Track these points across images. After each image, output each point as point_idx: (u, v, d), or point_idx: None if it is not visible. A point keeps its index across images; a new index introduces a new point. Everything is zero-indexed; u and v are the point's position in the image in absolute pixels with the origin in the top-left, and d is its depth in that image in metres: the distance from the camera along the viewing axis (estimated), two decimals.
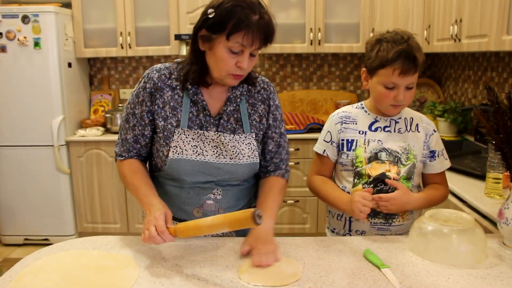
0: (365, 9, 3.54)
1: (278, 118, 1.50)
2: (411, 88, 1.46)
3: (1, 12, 3.37)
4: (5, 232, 3.67)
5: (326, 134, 1.58)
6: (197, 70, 1.35)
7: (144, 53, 3.72)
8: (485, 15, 2.33)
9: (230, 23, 1.21)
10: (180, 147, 1.36)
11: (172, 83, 1.39)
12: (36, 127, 3.50)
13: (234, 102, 1.42)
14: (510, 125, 1.24)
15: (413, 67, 1.42)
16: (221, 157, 1.38)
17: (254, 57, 1.30)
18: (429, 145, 1.55)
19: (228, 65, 1.27)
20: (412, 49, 1.42)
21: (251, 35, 1.22)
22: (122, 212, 3.64)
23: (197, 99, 1.38)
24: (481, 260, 1.23)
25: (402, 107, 1.52)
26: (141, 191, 1.35)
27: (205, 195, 1.43)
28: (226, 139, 1.38)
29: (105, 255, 1.29)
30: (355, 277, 1.15)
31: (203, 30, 1.28)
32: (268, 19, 1.26)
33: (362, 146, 1.52)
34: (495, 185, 1.86)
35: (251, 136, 1.42)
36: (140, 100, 1.39)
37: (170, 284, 1.13)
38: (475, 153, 2.66)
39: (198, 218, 1.38)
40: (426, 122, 1.58)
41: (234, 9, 1.21)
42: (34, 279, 1.15)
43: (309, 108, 4.02)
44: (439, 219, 1.29)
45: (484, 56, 3.06)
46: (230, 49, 1.25)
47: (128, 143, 1.44)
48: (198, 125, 1.39)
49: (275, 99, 1.50)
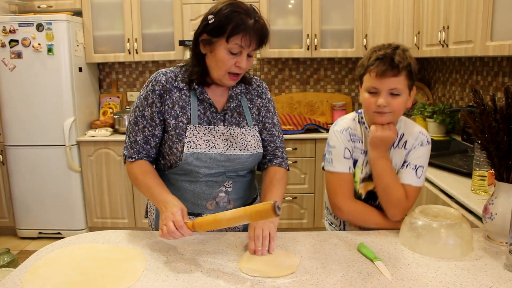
0: (358, 16, 3.54)
1: (271, 110, 1.53)
2: (397, 94, 1.34)
3: (17, 21, 3.38)
4: (20, 226, 3.67)
5: (345, 151, 1.44)
6: (199, 71, 1.39)
7: (150, 58, 3.72)
8: (471, 22, 2.33)
9: (229, 27, 1.27)
10: (194, 142, 1.38)
11: (179, 85, 1.41)
12: (49, 128, 3.50)
13: (236, 98, 1.46)
14: (494, 126, 1.23)
15: (390, 69, 1.31)
16: (231, 149, 1.41)
17: (251, 57, 1.35)
18: (406, 158, 1.42)
19: (228, 65, 1.32)
20: (393, 54, 1.31)
21: (248, 37, 1.28)
22: (129, 208, 3.63)
23: (204, 97, 1.41)
24: (468, 253, 1.23)
25: (389, 115, 1.37)
26: (155, 190, 1.35)
27: (217, 188, 1.45)
28: (235, 132, 1.42)
29: (114, 248, 1.29)
30: (350, 269, 1.15)
31: (204, 34, 1.33)
32: (262, 23, 1.32)
33: (360, 167, 1.46)
34: (480, 182, 1.86)
35: (254, 129, 1.47)
36: (150, 102, 1.40)
37: (174, 276, 1.13)
38: (462, 152, 2.66)
39: (212, 211, 1.43)
40: (416, 138, 1.42)
41: (232, 14, 1.27)
42: (47, 270, 1.15)
43: (306, 110, 4.02)
44: (429, 215, 1.29)
45: (470, 60, 3.06)
46: (229, 51, 1.30)
47: (138, 145, 1.43)
48: (206, 121, 1.41)
49: (267, 93, 1.55)
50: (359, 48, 3.58)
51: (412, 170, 1.40)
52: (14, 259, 2.55)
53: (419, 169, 1.40)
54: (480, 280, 1.08)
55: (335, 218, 1.57)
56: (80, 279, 1.10)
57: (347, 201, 1.43)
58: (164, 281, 1.10)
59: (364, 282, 1.08)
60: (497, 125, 1.23)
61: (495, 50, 2.08)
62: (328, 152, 1.47)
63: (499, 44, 2.05)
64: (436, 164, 2.34)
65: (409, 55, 1.34)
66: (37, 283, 1.08)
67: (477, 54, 2.25)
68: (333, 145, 1.45)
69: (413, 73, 1.34)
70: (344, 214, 1.44)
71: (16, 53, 3.40)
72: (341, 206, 1.43)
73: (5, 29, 3.38)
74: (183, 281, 1.10)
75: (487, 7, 2.14)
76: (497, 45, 2.06)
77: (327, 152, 1.48)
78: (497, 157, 1.25)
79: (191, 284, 1.08)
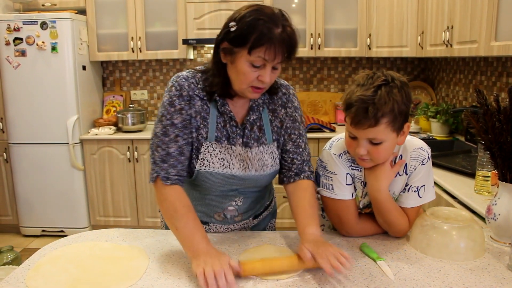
0: (362, 15, 3.53)
1: (298, 120, 1.38)
2: (379, 143, 1.17)
3: (22, 19, 3.39)
4: (24, 224, 3.69)
5: (347, 177, 1.29)
6: (220, 82, 1.25)
7: (153, 56, 3.72)
8: (475, 22, 2.32)
9: (252, 37, 1.12)
10: (208, 160, 1.28)
11: (200, 93, 1.27)
12: (52, 126, 3.51)
13: (257, 110, 1.32)
14: (498, 126, 1.23)
15: (366, 120, 1.13)
16: (247, 170, 1.31)
17: (277, 70, 1.20)
18: (407, 181, 1.30)
19: (249, 79, 1.17)
20: (371, 99, 1.12)
21: (273, 49, 1.13)
22: (132, 206, 3.64)
23: (225, 110, 1.28)
24: (480, 255, 1.21)
25: (371, 162, 1.23)
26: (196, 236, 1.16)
27: (227, 202, 1.38)
28: (252, 154, 1.30)
29: (117, 247, 1.29)
30: (352, 269, 1.15)
31: (225, 42, 1.18)
32: (290, 32, 1.15)
33: (357, 198, 1.35)
34: (484, 182, 1.86)
35: (273, 145, 1.35)
36: (178, 108, 1.25)
37: (177, 274, 1.13)
38: (466, 152, 2.65)
39: (218, 222, 1.40)
40: (416, 157, 1.28)
41: (256, 23, 1.12)
42: (50, 267, 1.15)
43: (309, 109, 4.02)
44: (439, 217, 1.27)
45: (474, 60, 3.05)
46: (251, 63, 1.15)
47: (172, 157, 1.24)
48: (225, 136, 1.29)
49: (293, 101, 1.38)
50: (362, 47, 3.57)
51: (414, 193, 1.29)
52: (18, 257, 2.56)
53: (422, 189, 1.29)
54: (483, 280, 1.08)
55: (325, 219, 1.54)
56: (82, 277, 1.11)
57: (354, 226, 1.34)
58: (166, 279, 1.11)
59: (366, 282, 1.08)
60: (501, 125, 1.22)
61: (500, 50, 2.07)
62: (325, 177, 1.32)
63: (503, 44, 2.05)
64: (439, 164, 2.33)
65: (394, 96, 1.13)
66: (40, 280, 1.09)
67: (481, 54, 2.24)
68: (333, 171, 1.30)
69: (399, 116, 1.15)
70: (352, 236, 1.36)
71: (20, 51, 3.41)
72: (348, 230, 1.35)
73: (10, 27, 3.39)
74: (185, 280, 1.10)
75: (492, 7, 2.13)
76: (502, 45, 2.06)
77: (323, 177, 1.33)
78: (501, 157, 1.25)
79: (193, 283, 1.08)
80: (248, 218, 1.45)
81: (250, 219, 1.46)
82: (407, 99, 1.17)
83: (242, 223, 1.44)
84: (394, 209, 1.28)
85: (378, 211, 1.31)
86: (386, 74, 1.17)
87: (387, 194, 1.27)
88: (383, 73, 1.18)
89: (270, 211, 1.56)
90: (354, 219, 1.33)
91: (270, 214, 1.57)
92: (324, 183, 1.33)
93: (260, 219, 1.51)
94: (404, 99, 1.15)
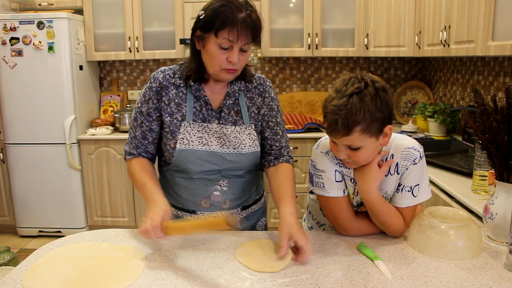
0: (359, 15, 3.53)
1: (274, 109, 1.49)
2: (357, 148, 1.19)
3: (18, 19, 3.38)
4: (21, 224, 3.68)
5: (336, 174, 1.32)
6: (194, 68, 1.38)
7: (151, 56, 3.72)
8: (472, 22, 2.32)
9: (217, 21, 1.25)
10: (187, 139, 1.39)
11: (176, 82, 1.42)
12: (49, 126, 3.50)
13: (233, 96, 1.44)
14: (495, 126, 1.23)
15: (338, 130, 1.15)
16: (224, 147, 1.40)
17: (245, 52, 1.32)
18: (400, 181, 1.30)
19: (220, 60, 1.30)
20: (343, 109, 1.13)
21: (236, 31, 1.25)
22: (130, 207, 3.64)
23: (200, 95, 1.41)
24: (478, 254, 1.22)
25: (354, 164, 1.27)
26: (147, 189, 1.35)
27: (212, 186, 1.44)
28: (228, 131, 1.41)
29: (114, 247, 1.29)
30: (350, 268, 1.15)
31: (197, 31, 1.33)
32: (255, 17, 1.29)
33: (349, 196, 1.36)
34: (481, 182, 1.86)
35: (250, 127, 1.44)
36: (147, 99, 1.42)
37: (174, 274, 1.13)
38: (463, 152, 2.66)
39: (206, 210, 1.46)
40: (406, 157, 1.28)
41: (220, 9, 1.26)
42: (48, 268, 1.15)
43: (307, 109, 4.02)
44: (437, 216, 1.27)
45: (471, 60, 3.06)
46: (219, 45, 1.28)
47: (137, 140, 1.45)
48: (201, 118, 1.41)
49: (270, 92, 1.50)
50: (360, 47, 3.58)
51: (408, 192, 1.29)
52: (14, 257, 2.55)
53: (415, 188, 1.29)
54: (480, 279, 1.08)
55: (318, 225, 1.54)
56: (80, 278, 1.10)
57: (351, 223, 1.34)
58: (164, 279, 1.11)
59: (364, 282, 1.08)
60: (498, 125, 1.23)
61: (497, 50, 2.08)
62: (316, 176, 1.34)
63: (500, 44, 2.05)
64: (436, 163, 2.34)
65: (366, 104, 1.13)
66: (37, 281, 1.09)
67: (479, 54, 2.25)
68: (322, 169, 1.32)
69: (374, 123, 1.15)
70: (350, 234, 1.36)
71: (16, 51, 3.40)
72: (346, 228, 1.35)
73: (6, 26, 3.38)
74: (183, 280, 1.10)
75: (489, 7, 2.14)
76: (499, 45, 2.06)
77: (315, 175, 1.35)
78: (498, 157, 1.25)
79: (191, 283, 1.09)
80: (236, 207, 1.48)
81: (238, 209, 1.49)
82: (383, 105, 1.16)
83: (230, 212, 1.47)
84: (386, 210, 1.29)
85: (371, 212, 1.31)
86: (361, 79, 1.17)
87: (377, 194, 1.28)
88: (359, 78, 1.18)
89: (260, 206, 1.60)
90: (349, 216, 1.34)
91: (260, 211, 1.60)
92: (316, 181, 1.36)
93: (250, 213, 1.54)
94: (378, 106, 1.15)
